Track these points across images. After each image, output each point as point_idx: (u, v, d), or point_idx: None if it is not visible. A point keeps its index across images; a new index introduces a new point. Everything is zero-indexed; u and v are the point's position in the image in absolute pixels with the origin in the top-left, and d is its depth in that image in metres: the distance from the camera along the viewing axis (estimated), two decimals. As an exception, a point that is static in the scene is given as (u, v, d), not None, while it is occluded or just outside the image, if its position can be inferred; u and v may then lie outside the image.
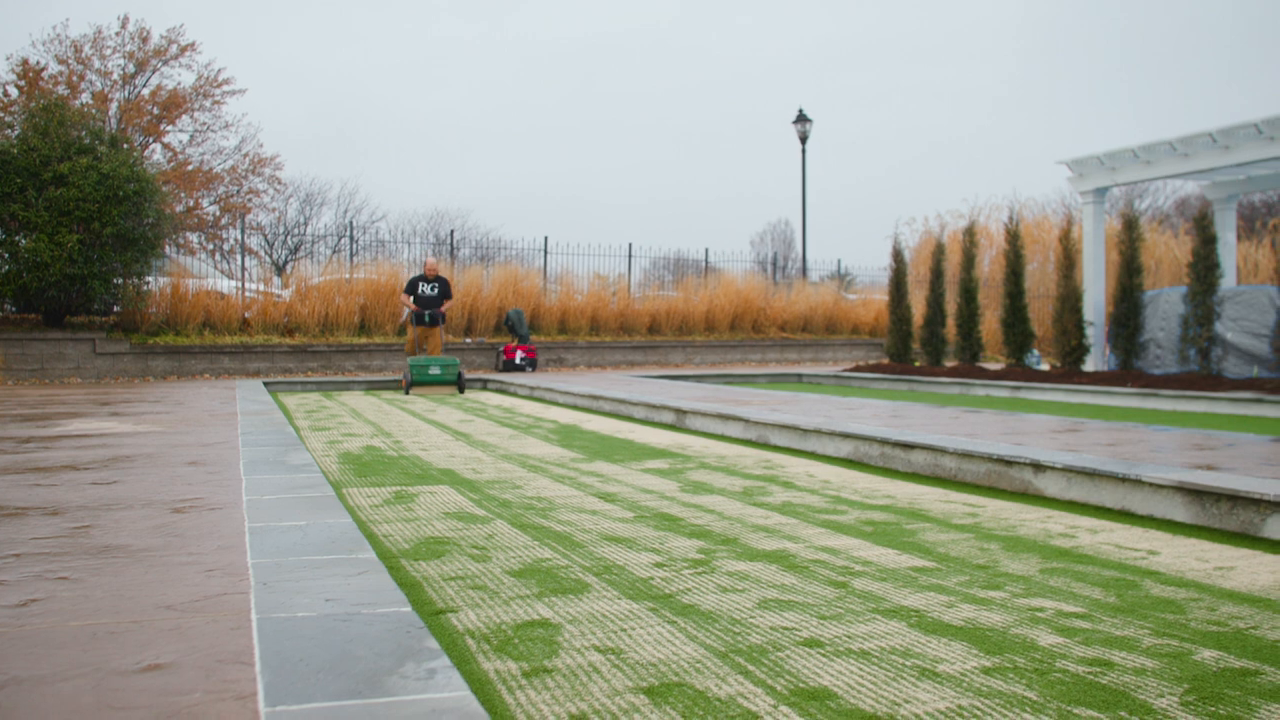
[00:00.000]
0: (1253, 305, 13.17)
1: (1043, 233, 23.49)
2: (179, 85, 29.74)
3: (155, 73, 29.49)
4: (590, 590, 3.39)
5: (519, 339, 18.74)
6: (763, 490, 5.54)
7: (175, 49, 29.22)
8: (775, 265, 27.07)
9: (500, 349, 18.62)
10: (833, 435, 7.06)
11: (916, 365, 16.95)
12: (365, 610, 2.78)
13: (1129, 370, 13.84)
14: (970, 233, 16.37)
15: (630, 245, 22.34)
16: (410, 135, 70.42)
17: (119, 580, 3.19)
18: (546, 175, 73.02)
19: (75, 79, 27.98)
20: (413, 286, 14.97)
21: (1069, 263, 14.73)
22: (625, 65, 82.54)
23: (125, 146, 16.84)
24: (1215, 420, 9.42)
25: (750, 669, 2.60)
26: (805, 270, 25.75)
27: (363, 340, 18.18)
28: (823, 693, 2.44)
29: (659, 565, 3.76)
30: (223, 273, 23.17)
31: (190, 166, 30.09)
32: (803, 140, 25.55)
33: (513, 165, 72.80)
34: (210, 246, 30.75)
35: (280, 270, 32.35)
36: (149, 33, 28.88)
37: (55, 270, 15.03)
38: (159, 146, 30.04)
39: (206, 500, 4.65)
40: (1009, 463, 5.55)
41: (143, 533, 3.92)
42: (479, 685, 2.47)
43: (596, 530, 4.42)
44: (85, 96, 27.60)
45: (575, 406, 11.75)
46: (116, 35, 28.64)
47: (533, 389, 13.61)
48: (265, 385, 14.60)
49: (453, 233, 23.91)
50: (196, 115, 30.24)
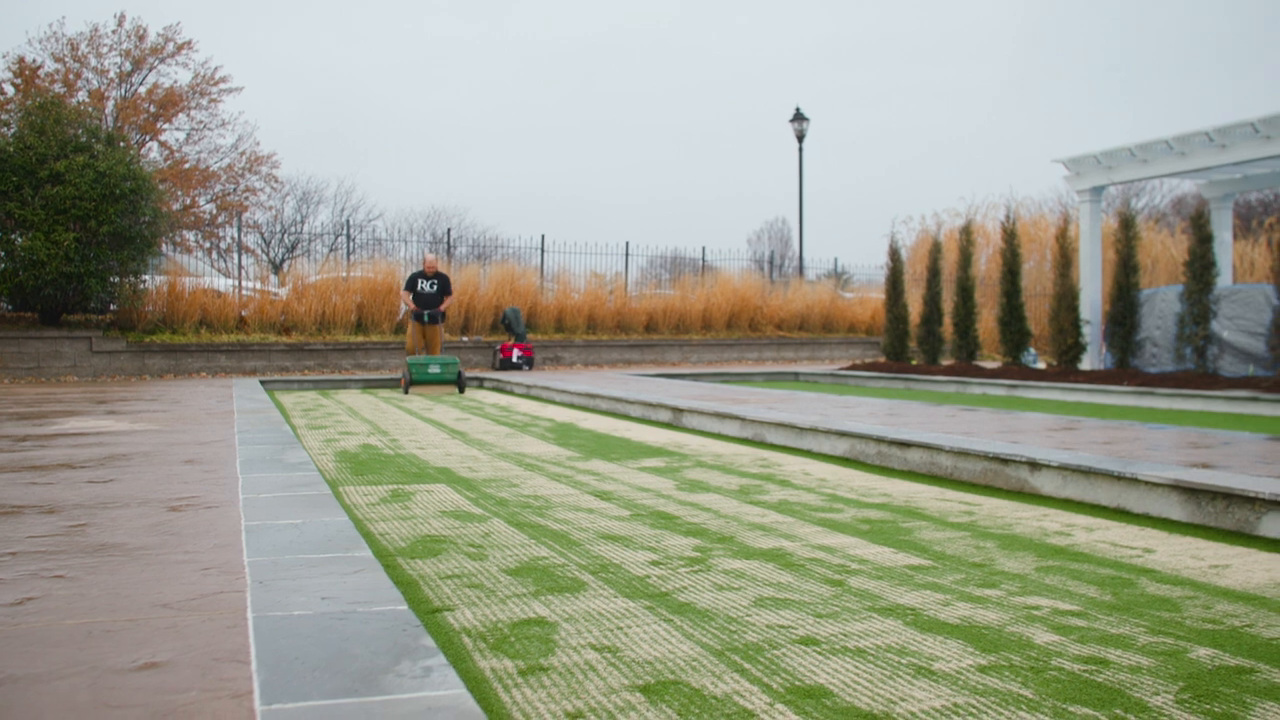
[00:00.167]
0: (1249, 304, 13.19)
1: (1039, 231, 23.52)
2: (175, 83, 29.73)
3: (152, 71, 29.47)
4: (587, 588, 3.39)
5: (516, 337, 18.73)
6: (759, 489, 5.54)
7: (172, 47, 29.21)
8: (772, 264, 27.07)
9: (497, 347, 18.61)
10: (829, 434, 7.07)
11: (913, 364, 16.96)
12: (361, 608, 2.78)
13: (1125, 369, 13.85)
14: (967, 232, 16.38)
15: (627, 244, 22.36)
16: (408, 134, 70.40)
17: (115, 579, 3.19)
18: (546, 175, 73.05)
19: (72, 77, 27.95)
20: (412, 284, 14.72)
21: (1065, 261, 14.74)
22: (625, 65, 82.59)
23: (122, 145, 16.81)
24: (1211, 419, 9.44)
25: (746, 667, 2.61)
26: (802, 269, 25.76)
27: (359, 339, 18.17)
28: (818, 690, 2.44)
29: (655, 563, 3.76)
30: (219, 271, 23.15)
31: (187, 165, 30.07)
32: (799, 139, 25.56)
33: (512, 165, 72.81)
34: (207, 245, 30.74)
35: (277, 269, 32.35)
36: (145, 31, 28.87)
37: (51, 268, 15.01)
38: (155, 145, 30.03)
39: (203, 498, 4.65)
40: (1005, 461, 5.56)
41: (139, 531, 3.92)
42: (475, 683, 2.47)
43: (593, 528, 4.42)
44: (82, 94, 27.57)
45: (572, 405, 11.75)
46: (113, 33, 28.63)
47: (529, 387, 13.61)
48: (262, 384, 14.59)
49: (449, 231, 23.89)
50: (193, 113, 30.24)
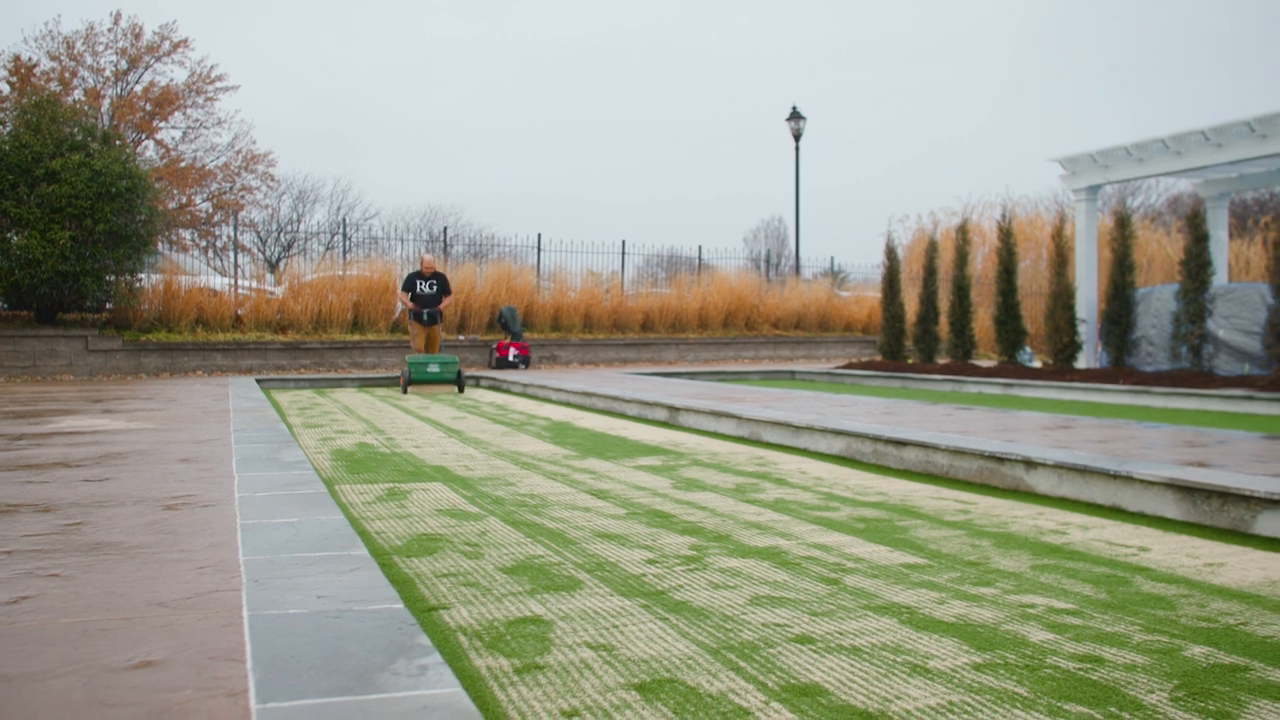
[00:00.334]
0: (1244, 303, 13.20)
1: (1036, 230, 23.52)
2: (172, 82, 29.65)
3: (148, 69, 29.41)
4: (582, 587, 3.39)
5: (512, 336, 18.72)
6: (755, 487, 5.55)
7: (168, 45, 29.13)
8: (769, 263, 27.09)
9: (493, 346, 18.60)
10: (825, 432, 7.07)
11: (909, 362, 16.97)
12: (357, 607, 2.78)
13: (1121, 368, 13.87)
14: (963, 230, 16.39)
15: (624, 243, 22.36)
16: (405, 133, 70.33)
17: (110, 577, 3.19)
18: (543, 174, 72.98)
19: (68, 75, 27.89)
20: (410, 284, 14.55)
21: (1061, 260, 14.75)
22: (624, 65, 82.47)
23: (118, 143, 16.79)
24: (1207, 417, 9.45)
25: (742, 665, 2.61)
26: (799, 267, 25.77)
27: (356, 337, 18.16)
28: (814, 689, 2.44)
29: (651, 562, 3.76)
30: (215, 270, 23.13)
31: (183, 163, 30.00)
32: (796, 138, 25.56)
33: (509, 164, 72.73)
34: (203, 243, 30.69)
35: (273, 267, 32.34)
36: (141, 29, 28.78)
37: (47, 267, 14.98)
38: (151, 143, 29.96)
39: (199, 497, 4.64)
40: (1001, 460, 5.56)
41: (134, 530, 3.92)
42: (471, 682, 2.47)
43: (589, 527, 4.42)
44: (78, 93, 27.51)
45: (568, 404, 11.75)
46: (109, 32, 28.55)
47: (525, 386, 13.60)
48: (258, 382, 14.58)
49: (446, 230, 23.87)
50: (189, 112, 30.16)
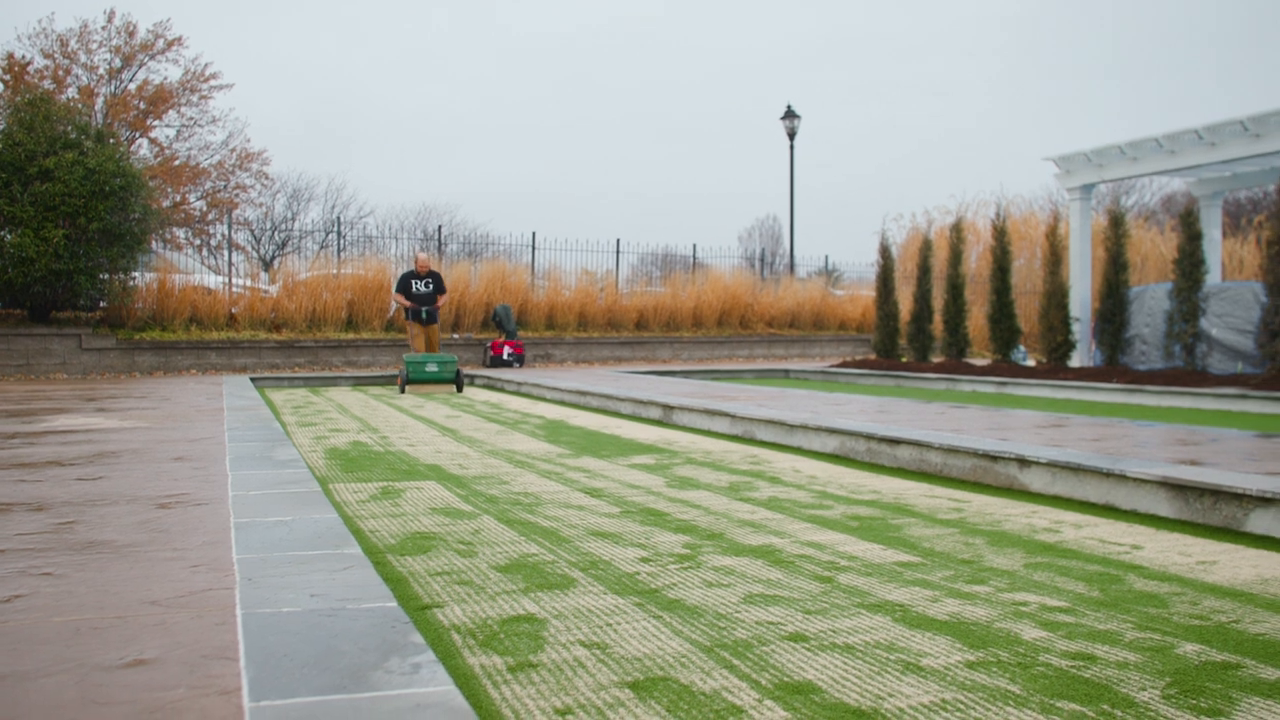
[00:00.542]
0: (1237, 301, 13.23)
1: (1029, 229, 23.54)
2: (165, 80, 29.60)
3: (142, 67, 29.35)
4: (576, 585, 3.39)
5: (506, 334, 18.71)
6: (749, 485, 5.55)
7: (162, 43, 29.08)
8: (763, 261, 27.10)
9: (487, 345, 18.59)
10: (819, 431, 7.08)
11: (903, 361, 16.99)
12: (350, 605, 2.78)
13: (1114, 366, 13.90)
14: (957, 229, 16.41)
15: (618, 241, 22.36)
16: (399, 130, 70.33)
17: (103, 576, 3.18)
18: (536, 170, 72.99)
19: (61, 73, 27.83)
20: (405, 284, 14.25)
21: (1055, 259, 14.78)
22: (616, 60, 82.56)
23: (111, 141, 16.77)
24: (1200, 416, 9.47)
25: (735, 663, 2.61)
26: (793, 266, 25.79)
27: (350, 336, 18.14)
28: (807, 687, 2.45)
29: (645, 560, 3.76)
30: (209, 268, 23.07)
31: (177, 161, 29.95)
32: (791, 136, 25.58)
33: (502, 160, 72.77)
34: (197, 242, 30.61)
35: (267, 266, 32.29)
36: (135, 27, 28.73)
37: (41, 265, 14.96)
38: (145, 141, 29.90)
39: (192, 496, 4.64)
40: (994, 458, 5.57)
41: (128, 528, 3.91)
42: (464, 680, 2.47)
43: (583, 525, 4.42)
44: (71, 91, 27.46)
45: (562, 402, 11.75)
46: (103, 30, 28.49)
47: (520, 385, 13.60)
48: (252, 381, 14.56)
49: (440, 228, 23.87)
50: (183, 110, 30.11)
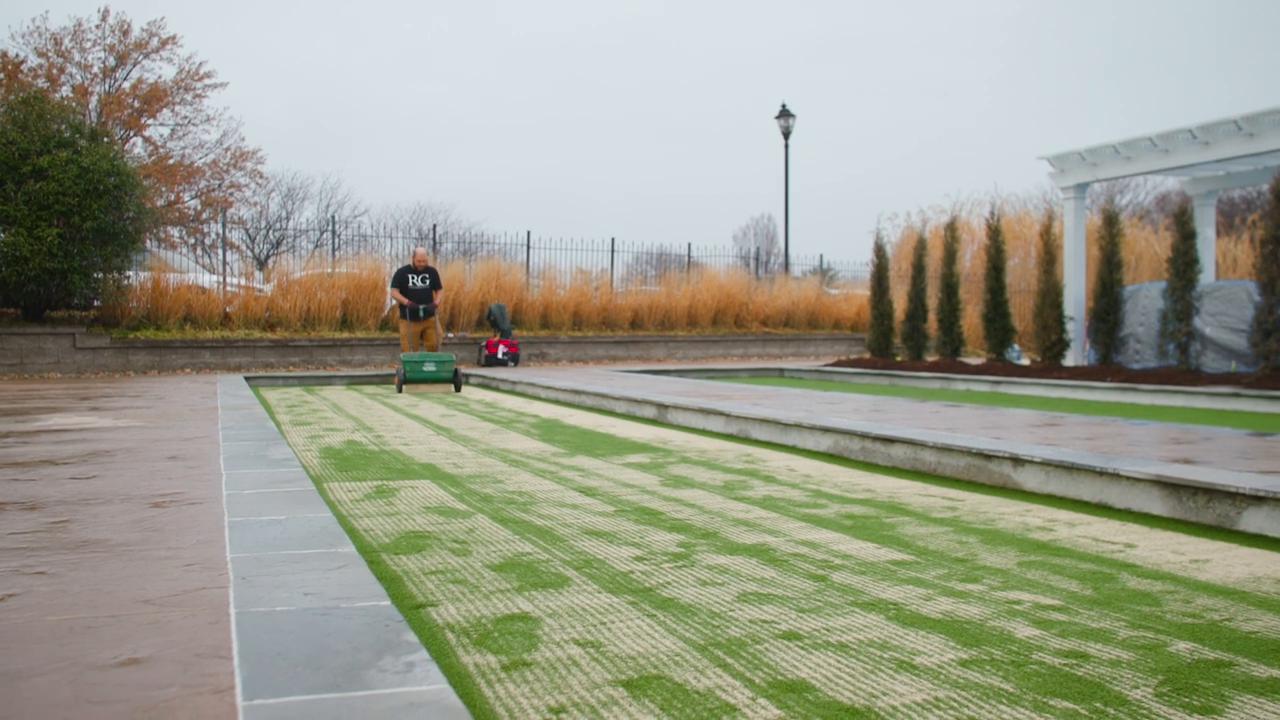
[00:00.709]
0: (1231, 300, 13.26)
1: (1024, 228, 23.57)
2: (160, 78, 29.57)
3: (136, 66, 29.31)
4: (570, 584, 3.39)
5: (501, 334, 18.71)
6: (743, 484, 5.55)
7: (156, 42, 29.04)
8: (758, 260, 27.10)
9: (482, 344, 18.59)
10: (813, 430, 7.08)
11: (898, 360, 17.00)
12: (344, 604, 2.78)
13: (1108, 365, 13.92)
14: (952, 228, 16.43)
15: (613, 240, 22.36)
16: (395, 129, 70.30)
17: (97, 575, 3.18)
18: (532, 170, 72.99)
19: (55, 72, 27.78)
20: (401, 279, 14.05)
21: (1050, 258, 14.80)
22: (613, 59, 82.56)
23: (105, 140, 16.73)
24: (1193, 415, 9.49)
25: (729, 662, 2.61)
26: (788, 265, 25.80)
27: (345, 335, 18.12)
28: (801, 685, 2.45)
29: (639, 559, 3.76)
30: (204, 267, 23.07)
31: (171, 160, 29.91)
32: (785, 135, 25.59)
33: (498, 160, 72.77)
34: (191, 241, 30.61)
35: (262, 265, 32.25)
36: (130, 26, 28.71)
37: (35, 264, 14.93)
38: (140, 140, 29.87)
39: (186, 495, 4.63)
40: (988, 457, 5.58)
41: (121, 527, 3.90)
42: (458, 679, 2.47)
43: (577, 524, 4.42)
44: (65, 90, 27.39)
45: (557, 401, 11.74)
46: (97, 28, 28.45)
47: (515, 384, 13.59)
48: (246, 380, 14.54)
49: (435, 227, 23.86)
50: (177, 109, 30.08)
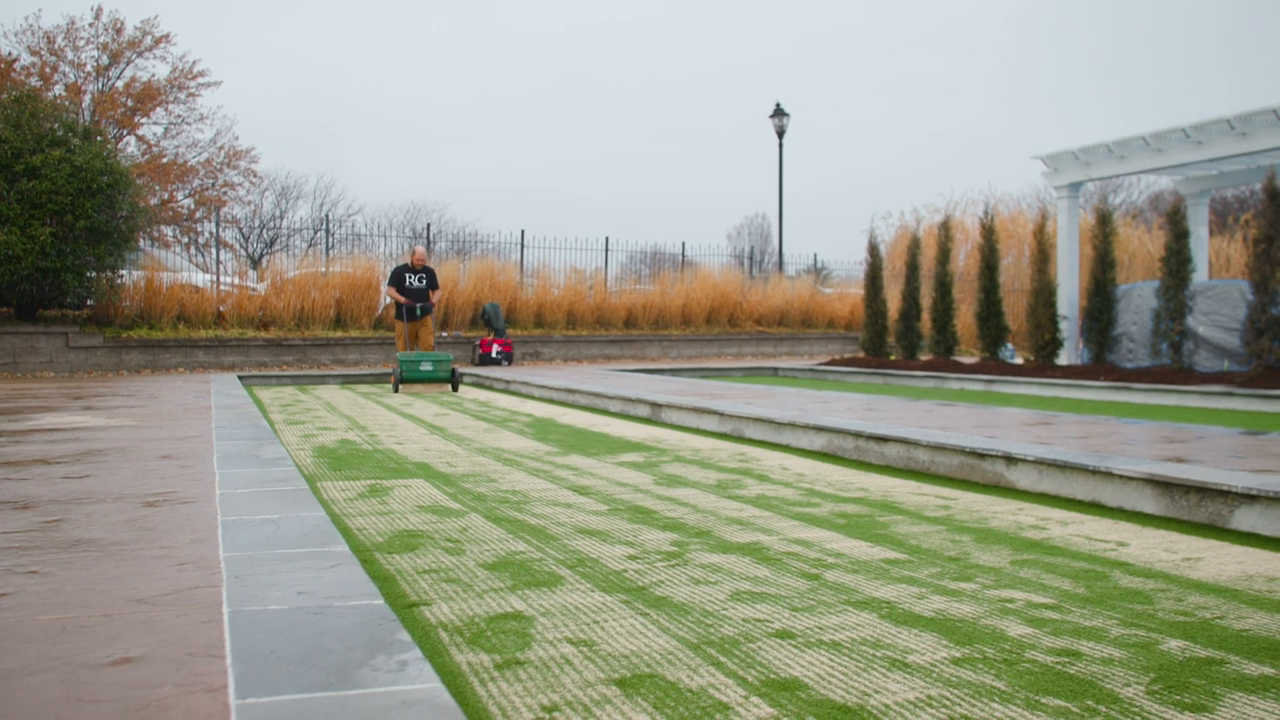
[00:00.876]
0: (1224, 300, 13.29)
1: (1018, 227, 23.61)
2: (153, 77, 29.51)
3: (129, 65, 29.25)
4: (564, 583, 3.40)
5: (495, 333, 18.70)
6: (737, 483, 5.56)
7: (149, 41, 28.98)
8: (752, 259, 27.13)
9: (476, 343, 18.57)
10: (807, 428, 7.09)
11: (892, 359, 17.02)
12: (337, 603, 2.78)
13: (1102, 364, 13.95)
14: (945, 227, 16.44)
15: (607, 239, 22.36)
16: (389, 128, 70.21)
17: (89, 574, 3.17)
18: (527, 169, 72.93)
19: (48, 70, 27.72)
20: (398, 278, 14.03)
21: (1043, 257, 14.82)
22: (612, 59, 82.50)
23: (99, 139, 16.69)
24: (1186, 414, 9.51)
25: (722, 660, 2.62)
26: (782, 264, 25.81)
27: (338, 334, 18.10)
28: (793, 683, 2.45)
29: (633, 558, 3.77)
30: (197, 266, 23.03)
31: (165, 159, 29.86)
32: (779, 135, 25.59)
33: (494, 159, 72.71)
34: (185, 240, 30.53)
35: (256, 264, 32.18)
36: (123, 24, 28.64)
37: (27, 263, 14.89)
38: (133, 139, 29.80)
39: (179, 494, 4.63)
40: (981, 455, 5.59)
41: (114, 526, 3.90)
42: (451, 677, 2.47)
43: (571, 523, 4.42)
44: (58, 88, 27.34)
45: (551, 400, 11.74)
46: (90, 26, 28.38)
47: (508, 383, 13.59)
48: (240, 379, 14.51)
49: (429, 226, 23.85)
50: (171, 108, 30.02)
